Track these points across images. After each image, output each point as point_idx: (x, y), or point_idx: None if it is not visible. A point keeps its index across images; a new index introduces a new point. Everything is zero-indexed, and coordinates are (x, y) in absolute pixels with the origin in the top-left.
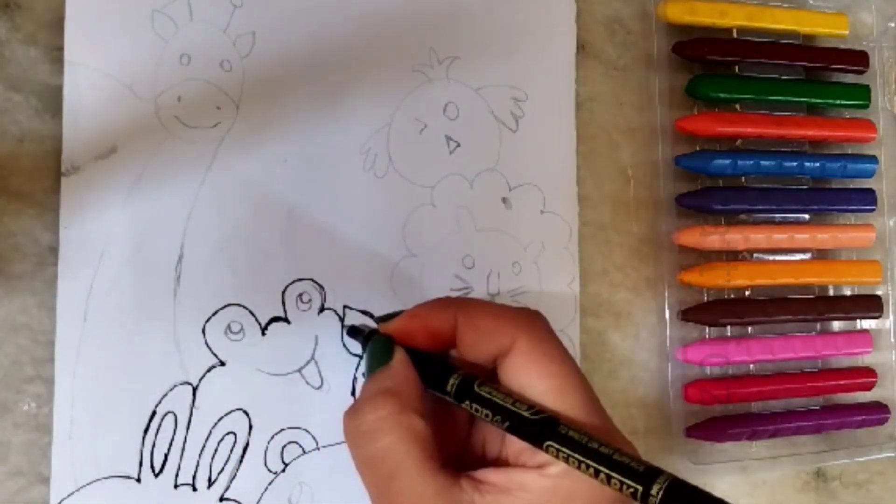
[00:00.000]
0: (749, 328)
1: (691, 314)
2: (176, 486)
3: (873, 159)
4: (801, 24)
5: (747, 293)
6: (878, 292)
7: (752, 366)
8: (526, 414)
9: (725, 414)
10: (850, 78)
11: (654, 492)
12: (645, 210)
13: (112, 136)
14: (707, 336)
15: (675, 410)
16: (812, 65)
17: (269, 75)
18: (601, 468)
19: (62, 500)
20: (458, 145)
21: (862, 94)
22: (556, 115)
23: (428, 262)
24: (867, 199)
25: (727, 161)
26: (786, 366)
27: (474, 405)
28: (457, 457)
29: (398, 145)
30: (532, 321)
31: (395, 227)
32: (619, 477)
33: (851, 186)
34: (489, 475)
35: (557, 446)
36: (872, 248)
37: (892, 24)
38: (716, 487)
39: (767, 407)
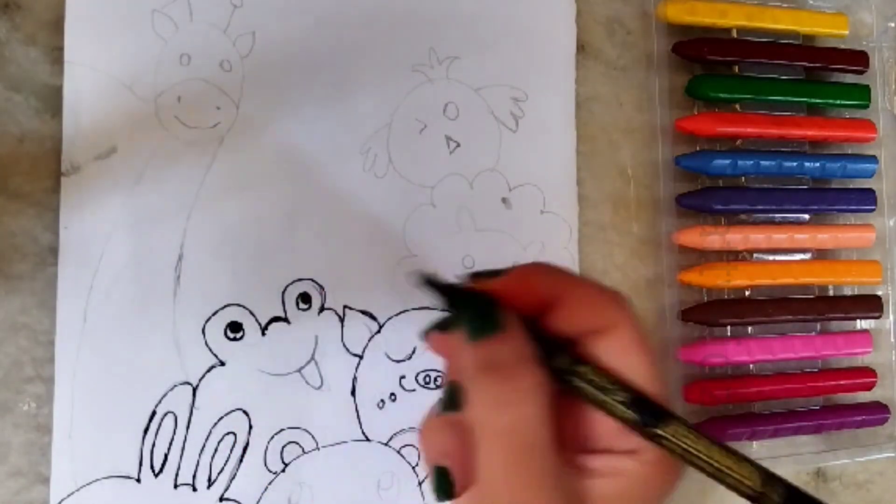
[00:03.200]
0: (749, 328)
1: (691, 314)
2: (176, 486)
3: (873, 159)
4: (801, 24)
5: (747, 293)
6: (878, 292)
7: (752, 366)
8: (647, 400)
9: (726, 414)
10: (850, 78)
11: (776, 497)
12: (645, 210)
13: (112, 136)
14: (707, 336)
15: (676, 410)
16: (812, 65)
17: (269, 75)
18: (722, 466)
19: (62, 499)
20: (458, 145)
21: (862, 94)
22: (556, 115)
23: (428, 262)
24: (867, 199)
25: (727, 161)
26: (786, 366)
27: (581, 384)
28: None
29: (398, 145)
30: (630, 305)
31: (395, 227)
32: (739, 475)
33: (851, 186)
34: (599, 461)
35: (681, 432)
36: (872, 248)
37: (892, 25)
38: (716, 487)
39: (767, 407)
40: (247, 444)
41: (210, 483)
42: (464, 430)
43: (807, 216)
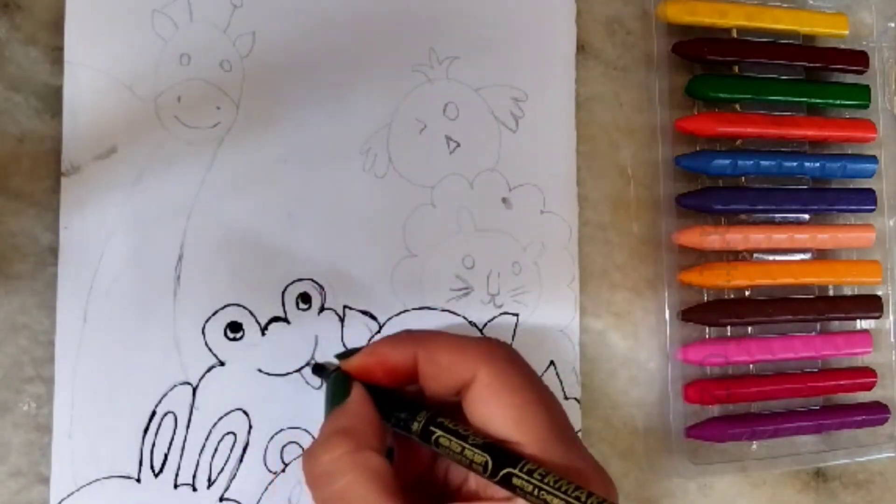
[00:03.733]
0: (749, 328)
1: (691, 314)
2: (176, 486)
3: (873, 159)
4: (801, 24)
5: (747, 293)
6: (878, 292)
7: (751, 366)
8: (494, 449)
9: (725, 414)
10: (850, 78)
11: None
12: (645, 210)
13: (112, 136)
14: (707, 336)
15: (675, 410)
16: (812, 65)
17: (269, 75)
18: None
19: (62, 500)
20: (458, 145)
21: (862, 94)
22: (556, 115)
23: (428, 262)
24: (867, 199)
25: (727, 161)
26: (786, 366)
27: (440, 442)
28: (420, 486)
29: (398, 145)
30: (493, 352)
31: (395, 227)
32: None
33: (851, 186)
34: None
35: (524, 479)
36: (872, 248)
37: (892, 25)
38: (715, 487)
39: (767, 407)
40: (247, 443)
41: (210, 483)
42: None
43: (807, 216)
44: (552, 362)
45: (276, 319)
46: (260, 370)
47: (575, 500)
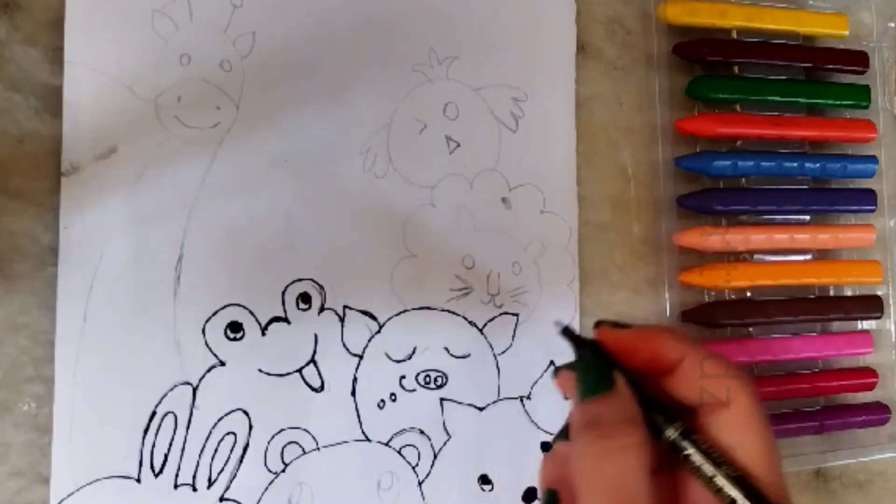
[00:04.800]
0: (750, 329)
1: (692, 315)
2: (176, 486)
3: (873, 159)
4: (801, 25)
5: (748, 294)
6: (879, 293)
7: (753, 367)
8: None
9: None
10: (850, 78)
11: None
12: (645, 211)
13: (112, 136)
14: (708, 337)
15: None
16: (812, 65)
17: (269, 75)
18: None
19: (62, 500)
20: (458, 145)
21: (862, 95)
22: (556, 115)
23: (428, 262)
24: (867, 199)
25: (727, 162)
26: (787, 366)
27: (692, 459)
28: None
29: (398, 145)
30: (751, 382)
31: (395, 227)
32: None
33: (852, 187)
34: None
35: None
36: (873, 248)
37: (892, 25)
38: None
39: (768, 408)
40: (247, 444)
41: (210, 483)
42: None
43: (807, 217)
44: (552, 363)
45: (276, 319)
46: (260, 370)
47: None
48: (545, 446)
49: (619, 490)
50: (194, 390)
